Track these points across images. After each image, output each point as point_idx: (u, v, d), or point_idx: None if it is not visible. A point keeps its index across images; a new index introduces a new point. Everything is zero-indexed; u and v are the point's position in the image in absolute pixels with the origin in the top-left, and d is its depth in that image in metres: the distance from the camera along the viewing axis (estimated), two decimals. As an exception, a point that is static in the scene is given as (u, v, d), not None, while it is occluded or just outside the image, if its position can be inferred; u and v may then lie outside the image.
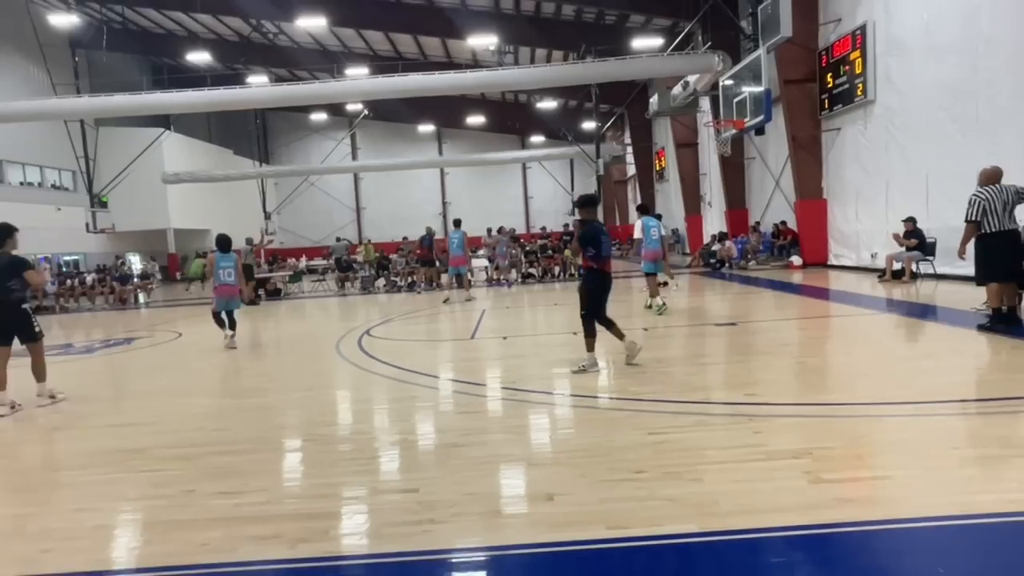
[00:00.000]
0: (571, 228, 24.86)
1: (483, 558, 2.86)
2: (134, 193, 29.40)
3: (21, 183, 27.76)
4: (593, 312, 6.42)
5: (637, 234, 10.90)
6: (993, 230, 7.02)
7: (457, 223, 15.25)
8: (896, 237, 12.38)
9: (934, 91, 12.20)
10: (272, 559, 2.91)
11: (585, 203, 6.89)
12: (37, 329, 6.37)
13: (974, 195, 7.14)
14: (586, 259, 6.59)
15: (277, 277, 20.78)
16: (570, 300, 13.34)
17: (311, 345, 9.86)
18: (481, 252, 21.83)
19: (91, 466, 4.42)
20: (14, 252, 6.36)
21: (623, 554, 2.80)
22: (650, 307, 10.58)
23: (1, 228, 6.30)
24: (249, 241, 17.85)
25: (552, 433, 4.73)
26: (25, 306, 6.35)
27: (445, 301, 14.31)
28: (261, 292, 19.05)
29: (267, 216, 40.74)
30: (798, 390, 5.53)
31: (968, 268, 9.22)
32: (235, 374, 8.00)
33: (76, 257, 29.83)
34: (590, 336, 6.43)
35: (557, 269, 19.69)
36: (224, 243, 10.00)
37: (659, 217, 11.70)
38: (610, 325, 6.48)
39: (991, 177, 7.18)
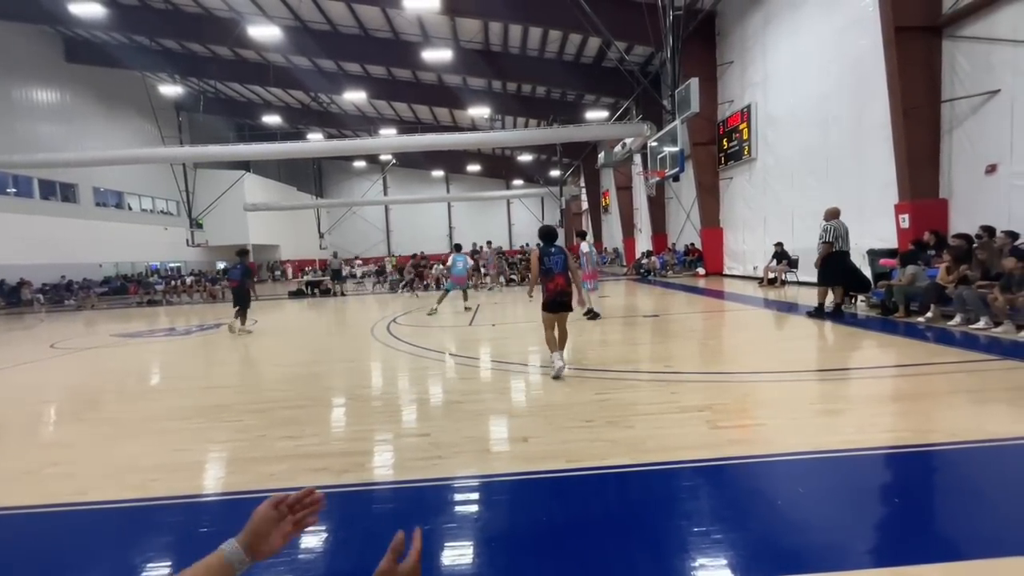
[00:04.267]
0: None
1: (477, 483, 2.86)
2: (223, 217, 28.98)
3: (139, 209, 27.08)
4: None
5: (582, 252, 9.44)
6: (837, 249, 7.34)
7: (459, 247, 11.82)
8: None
9: (797, 152, 12.38)
10: (323, 484, 2.87)
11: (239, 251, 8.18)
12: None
13: (829, 225, 7.40)
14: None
15: (326, 280, 20.44)
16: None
17: (352, 329, 9.76)
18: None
19: (189, 417, 4.32)
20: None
21: (578, 480, 2.82)
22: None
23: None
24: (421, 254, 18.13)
25: (527, 393, 4.72)
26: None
27: (467, 309, 11.33)
28: (326, 289, 18.77)
29: (321, 235, 40.37)
30: (702, 362, 5.57)
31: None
32: (296, 349, 7.85)
33: (179, 264, 29.10)
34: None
35: (531, 275, 19.62)
36: (459, 248, 11.61)
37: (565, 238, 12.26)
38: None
39: (835, 214, 7.51)
